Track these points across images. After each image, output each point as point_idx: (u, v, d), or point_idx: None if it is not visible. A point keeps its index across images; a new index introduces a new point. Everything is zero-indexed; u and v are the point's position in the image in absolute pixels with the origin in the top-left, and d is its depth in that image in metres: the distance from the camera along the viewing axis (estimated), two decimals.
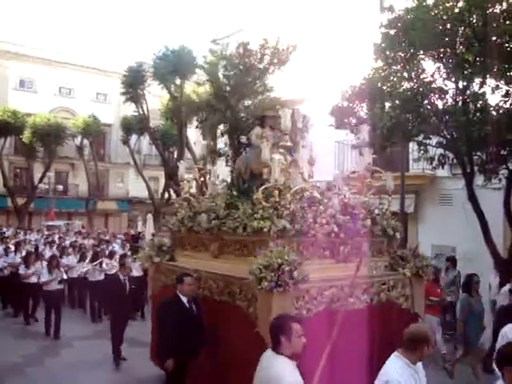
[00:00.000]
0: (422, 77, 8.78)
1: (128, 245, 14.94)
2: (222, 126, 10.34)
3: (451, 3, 8.39)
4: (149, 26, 76.54)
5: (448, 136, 8.76)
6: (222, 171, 8.03)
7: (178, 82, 19.95)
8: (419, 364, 3.65)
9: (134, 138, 29.22)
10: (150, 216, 22.12)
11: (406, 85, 8.87)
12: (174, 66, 19.02)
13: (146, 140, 30.51)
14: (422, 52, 8.72)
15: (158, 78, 19.64)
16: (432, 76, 8.74)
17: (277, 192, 5.12)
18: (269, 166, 5.61)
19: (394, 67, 9.14)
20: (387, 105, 9.13)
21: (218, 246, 6.06)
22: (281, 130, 5.42)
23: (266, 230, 5.04)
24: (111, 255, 11.94)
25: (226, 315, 5.31)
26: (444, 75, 8.73)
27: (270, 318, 4.45)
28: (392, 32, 9.05)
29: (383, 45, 9.16)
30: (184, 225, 6.68)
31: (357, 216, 5.48)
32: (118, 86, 23.43)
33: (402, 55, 8.98)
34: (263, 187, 5.30)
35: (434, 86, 8.60)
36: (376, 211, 5.70)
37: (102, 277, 11.18)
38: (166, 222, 7.13)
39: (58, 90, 33.12)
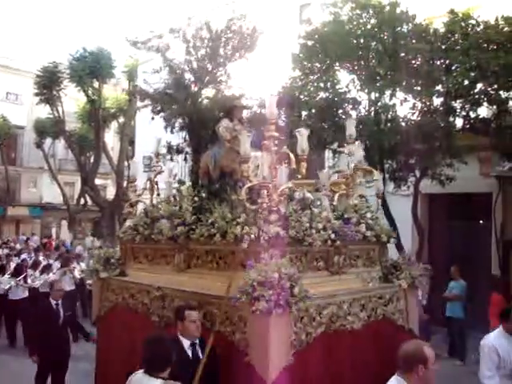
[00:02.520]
0: (337, 87, 9.39)
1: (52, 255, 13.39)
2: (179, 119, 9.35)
3: (364, 20, 9.05)
4: (65, 26, 72.67)
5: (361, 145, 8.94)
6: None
7: (95, 84, 19.44)
8: None
9: (48, 141, 27.74)
10: (64, 223, 20.75)
11: (322, 94, 9.43)
12: (91, 68, 18.23)
13: (61, 144, 29.04)
14: (337, 64, 9.35)
15: (75, 79, 19.07)
16: (347, 87, 9.32)
17: (265, 192, 4.27)
18: (248, 161, 4.76)
19: (311, 77, 9.67)
20: (304, 113, 9.60)
21: (184, 257, 5.08)
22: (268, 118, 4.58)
23: (253, 237, 4.18)
24: (35, 266, 10.45)
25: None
26: (358, 87, 9.40)
27: (266, 346, 3.63)
28: (310, 43, 9.60)
29: (301, 55, 9.71)
30: (139, 233, 5.63)
31: (350, 221, 4.78)
32: (32, 86, 22.39)
33: (319, 66, 9.59)
34: (247, 186, 4.43)
35: (348, 96, 9.21)
36: (368, 215, 5.02)
37: (25, 294, 9.68)
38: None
39: None
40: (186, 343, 4.04)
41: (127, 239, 5.85)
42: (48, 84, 20.91)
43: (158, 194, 6.22)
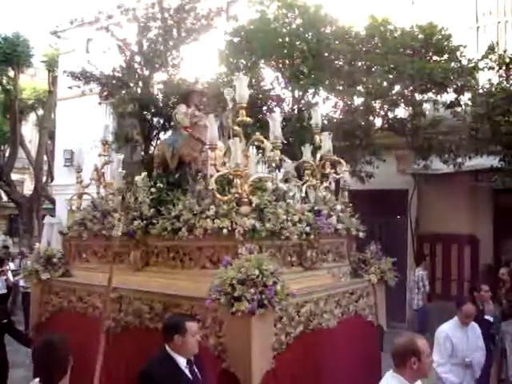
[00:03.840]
0: (262, 84, 9.52)
1: None
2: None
3: (290, 19, 9.22)
4: None
5: (285, 141, 9.07)
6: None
7: (11, 73, 18.28)
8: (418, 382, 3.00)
9: None
10: None
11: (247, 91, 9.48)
12: (6, 55, 16.83)
13: None
14: (262, 61, 9.45)
15: None
16: (271, 84, 9.49)
17: (239, 181, 3.91)
18: (216, 148, 4.38)
19: (237, 74, 9.33)
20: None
21: (142, 254, 4.60)
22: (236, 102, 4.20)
23: (225, 231, 3.81)
24: None
25: None
26: (282, 84, 9.54)
27: (248, 350, 3.30)
28: (236, 40, 9.67)
29: (227, 52, 9.73)
30: (87, 228, 5.05)
31: (321, 213, 4.53)
32: None
33: (244, 63, 9.65)
34: (217, 175, 4.05)
35: (272, 93, 9.35)
36: (338, 207, 4.81)
37: None
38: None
39: None
40: (182, 361, 3.22)
41: (72, 236, 5.25)
42: None
43: (105, 186, 5.66)
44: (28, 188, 27.31)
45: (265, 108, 9.32)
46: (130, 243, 4.64)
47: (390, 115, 9.29)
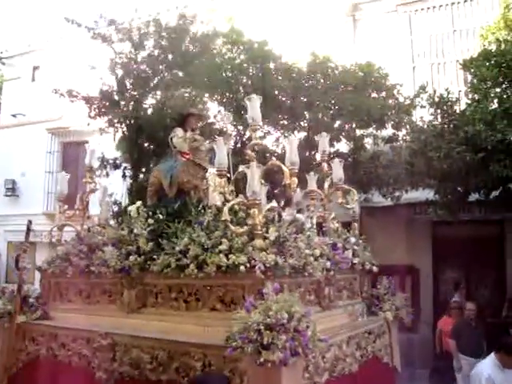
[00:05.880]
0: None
1: None
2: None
3: (234, 54, 9.40)
4: None
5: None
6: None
7: None
8: None
9: None
10: None
11: None
12: None
13: None
14: (207, 95, 9.54)
15: None
16: (214, 117, 9.47)
17: (256, 211, 3.51)
18: (224, 174, 3.99)
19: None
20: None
21: (138, 294, 4.08)
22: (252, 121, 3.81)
23: (242, 268, 3.38)
24: None
25: None
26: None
27: None
28: (180, 74, 9.68)
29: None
30: (72, 264, 4.48)
31: (337, 246, 4.18)
32: None
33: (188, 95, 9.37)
34: (231, 204, 3.63)
35: (216, 127, 9.27)
36: (352, 240, 4.47)
37: None
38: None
39: None
40: None
41: (53, 272, 4.65)
42: None
43: (89, 217, 5.13)
44: None
45: (207, 141, 9.43)
46: (123, 281, 4.12)
47: (332, 150, 9.34)
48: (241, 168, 3.89)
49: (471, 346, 6.89)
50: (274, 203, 3.96)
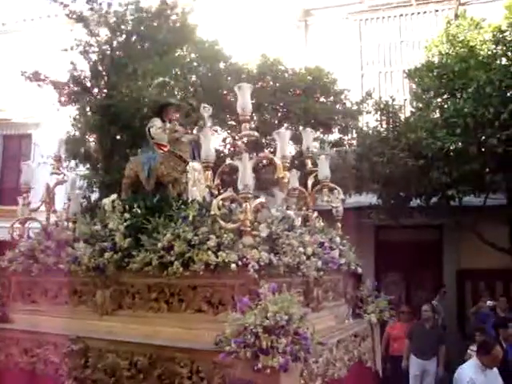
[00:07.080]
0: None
1: None
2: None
3: (184, 53, 9.37)
4: None
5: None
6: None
7: None
8: None
9: None
10: None
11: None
12: None
13: None
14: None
15: None
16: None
17: (247, 206, 3.28)
18: (210, 167, 3.75)
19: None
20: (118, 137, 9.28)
21: (112, 294, 3.76)
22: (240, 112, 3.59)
23: (234, 266, 3.14)
24: None
25: None
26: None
27: None
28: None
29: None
30: (37, 261, 4.10)
31: (325, 245, 4.01)
32: None
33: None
34: (220, 198, 3.39)
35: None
36: (338, 239, 4.32)
37: None
38: None
39: None
40: None
41: (15, 270, 4.24)
42: None
43: (55, 211, 4.74)
44: None
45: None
46: (96, 280, 3.79)
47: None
48: (228, 161, 3.67)
49: (422, 347, 7.07)
50: (262, 199, 3.74)
